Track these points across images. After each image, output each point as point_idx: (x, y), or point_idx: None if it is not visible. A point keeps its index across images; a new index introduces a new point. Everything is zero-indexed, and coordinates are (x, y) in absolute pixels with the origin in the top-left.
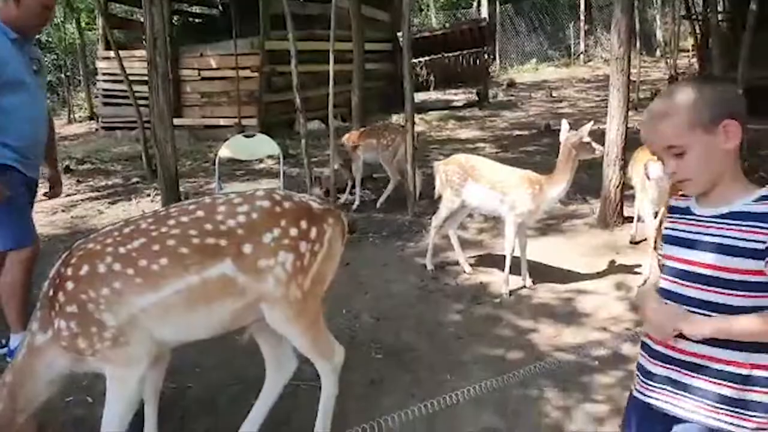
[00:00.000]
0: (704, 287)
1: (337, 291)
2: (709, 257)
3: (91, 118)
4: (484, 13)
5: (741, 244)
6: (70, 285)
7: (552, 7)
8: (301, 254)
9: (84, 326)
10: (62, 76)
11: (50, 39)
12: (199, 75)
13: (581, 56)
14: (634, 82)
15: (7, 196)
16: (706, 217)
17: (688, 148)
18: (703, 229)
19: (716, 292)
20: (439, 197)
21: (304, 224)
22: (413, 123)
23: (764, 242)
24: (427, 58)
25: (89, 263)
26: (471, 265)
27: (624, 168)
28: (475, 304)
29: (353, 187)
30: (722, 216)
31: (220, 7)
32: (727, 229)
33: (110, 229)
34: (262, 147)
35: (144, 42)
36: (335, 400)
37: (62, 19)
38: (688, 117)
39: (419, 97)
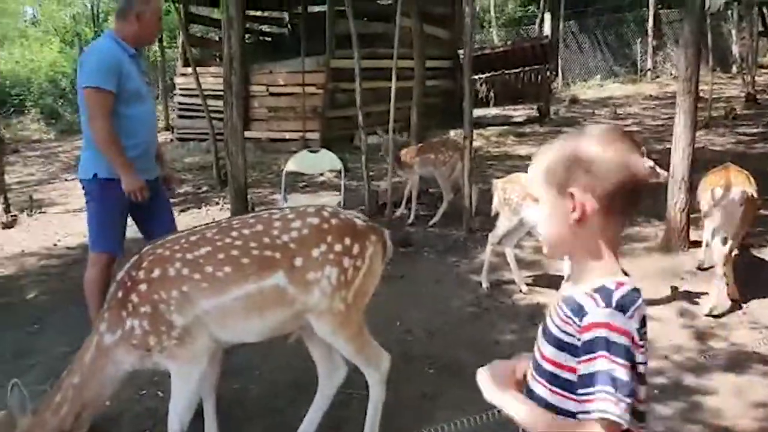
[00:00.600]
0: (547, 386)
1: (391, 304)
2: (548, 349)
3: (167, 129)
4: (547, 29)
5: (561, 336)
6: (143, 287)
7: (618, 23)
8: (344, 269)
9: (155, 325)
10: None
11: None
12: (267, 91)
13: (649, 72)
14: (706, 99)
15: (108, 203)
16: (561, 296)
17: (541, 200)
18: (554, 312)
19: (556, 393)
20: (497, 214)
21: (348, 240)
22: (471, 140)
23: (574, 336)
24: (487, 74)
25: (161, 267)
26: (527, 284)
27: (690, 191)
28: (531, 325)
29: (409, 201)
30: (563, 299)
31: (290, 27)
32: (561, 317)
33: (178, 236)
34: (325, 162)
35: (218, 59)
36: (383, 407)
37: None
38: (549, 167)
39: (479, 112)
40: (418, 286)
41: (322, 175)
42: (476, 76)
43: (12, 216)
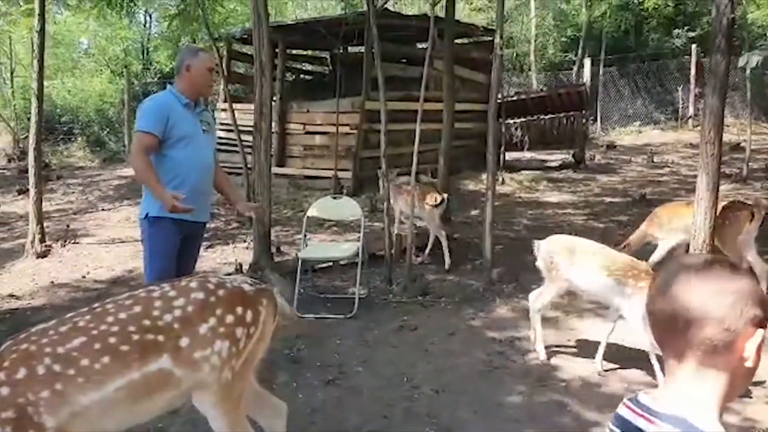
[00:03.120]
0: None
1: (402, 357)
2: None
3: None
4: (587, 74)
5: None
6: (5, 390)
7: (659, 70)
8: (236, 339)
9: (20, 430)
10: None
11: None
12: (303, 129)
13: (690, 120)
14: (743, 149)
15: (158, 240)
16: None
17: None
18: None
19: None
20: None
21: (239, 310)
22: (494, 187)
23: None
24: (523, 119)
25: (26, 365)
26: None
27: (712, 254)
28: (540, 387)
29: (433, 246)
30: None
31: (329, 66)
32: None
33: (45, 328)
34: (347, 209)
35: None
36: None
37: None
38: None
39: (513, 155)
40: (430, 338)
41: None
42: (511, 121)
43: (46, 246)
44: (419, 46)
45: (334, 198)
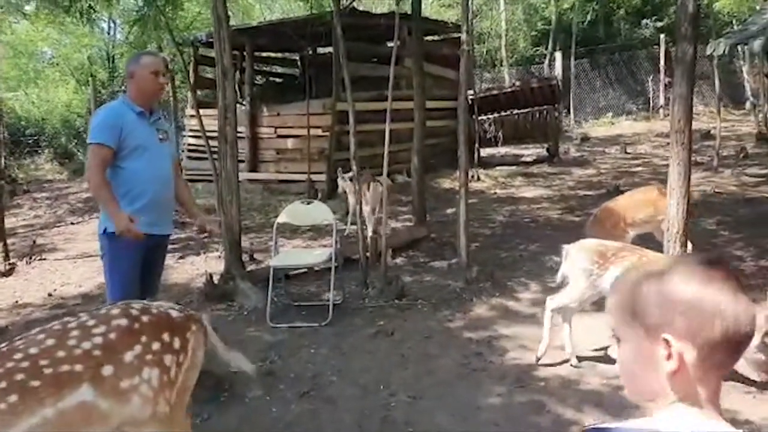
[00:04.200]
0: None
1: (378, 364)
2: None
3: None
4: (558, 67)
5: None
6: None
7: (629, 60)
8: (166, 367)
9: None
10: None
11: None
12: (275, 133)
13: (661, 110)
14: (713, 137)
15: (118, 256)
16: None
17: (623, 340)
18: None
19: None
20: (561, 283)
21: (166, 336)
22: (467, 185)
23: None
24: (496, 114)
25: None
26: (517, 341)
27: (685, 244)
28: (518, 387)
29: (408, 247)
30: None
31: (300, 67)
32: None
33: None
34: (318, 214)
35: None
36: None
37: None
38: (635, 305)
39: (488, 152)
40: (407, 343)
41: None
42: (484, 117)
43: (10, 264)
44: (390, 44)
45: (305, 203)
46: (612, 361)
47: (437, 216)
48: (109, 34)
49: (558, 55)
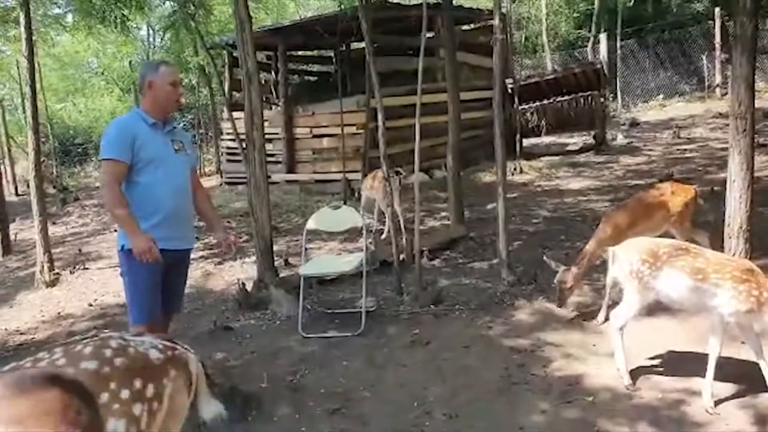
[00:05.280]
0: None
1: (412, 378)
2: None
3: (218, 173)
4: (603, 49)
5: None
6: None
7: (681, 38)
8: (135, 418)
9: None
10: (196, 134)
11: (188, 100)
12: (310, 133)
13: (717, 89)
14: None
15: (138, 273)
16: None
17: None
18: None
19: None
20: (612, 288)
21: (138, 383)
22: (505, 179)
23: None
24: (538, 103)
25: None
26: (563, 349)
27: (751, 240)
28: (564, 403)
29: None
30: None
31: (335, 65)
32: None
33: None
34: (347, 219)
35: (266, 101)
36: None
37: (197, 82)
38: None
39: (530, 142)
40: (443, 354)
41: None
42: (526, 105)
43: (55, 274)
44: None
45: (333, 208)
46: (669, 372)
47: (477, 212)
48: (148, 41)
49: (603, 37)
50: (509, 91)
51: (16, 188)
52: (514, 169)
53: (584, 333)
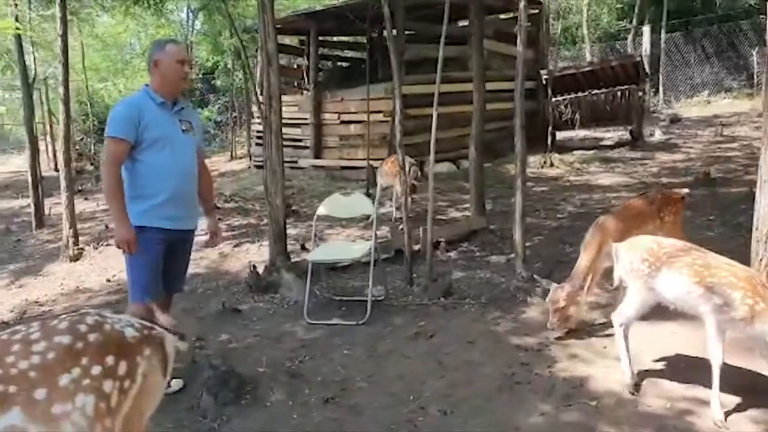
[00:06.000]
0: None
1: (412, 371)
2: None
3: (249, 157)
4: (646, 42)
5: None
6: None
7: (731, 32)
8: (105, 395)
9: None
10: (229, 116)
11: (223, 83)
12: (338, 119)
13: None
14: None
15: (139, 251)
16: None
17: None
18: None
19: None
20: (618, 287)
21: (110, 360)
22: (524, 171)
23: None
24: (572, 95)
25: None
26: (570, 350)
27: None
28: (565, 406)
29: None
30: None
31: (367, 51)
32: None
33: None
34: (357, 206)
35: (296, 87)
36: None
37: (232, 66)
38: None
39: (564, 135)
40: (447, 347)
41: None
42: (560, 98)
43: (79, 249)
44: (460, 24)
45: (345, 194)
46: (677, 378)
47: (501, 204)
48: (187, 23)
49: (646, 29)
50: (543, 82)
51: (56, 164)
52: (545, 162)
53: (595, 334)
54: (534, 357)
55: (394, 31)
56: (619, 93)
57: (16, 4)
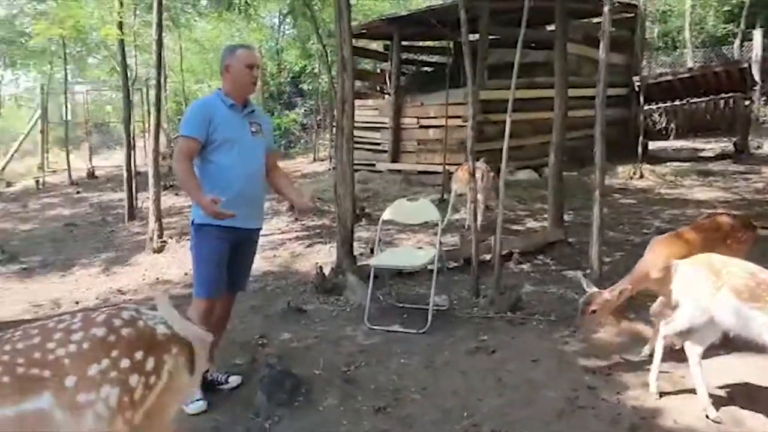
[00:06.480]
0: None
1: (468, 386)
2: None
3: (330, 159)
4: (757, 46)
5: None
6: None
7: None
8: (130, 388)
9: None
10: (314, 119)
11: (310, 88)
12: (417, 123)
13: None
14: None
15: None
16: None
17: None
18: None
19: None
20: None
21: (139, 355)
22: (603, 181)
23: None
24: (668, 103)
25: None
26: (644, 377)
27: None
28: None
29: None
30: None
31: (452, 56)
32: None
33: None
34: (423, 212)
35: (379, 91)
36: None
37: (318, 70)
38: None
39: (657, 145)
40: (508, 365)
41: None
42: (654, 106)
43: (162, 242)
44: (548, 28)
45: (411, 200)
46: (761, 409)
47: (582, 217)
48: (278, 28)
49: (757, 32)
50: (635, 89)
51: None
52: (634, 173)
53: (673, 362)
54: (602, 381)
55: (477, 36)
56: (722, 101)
57: (119, 13)
